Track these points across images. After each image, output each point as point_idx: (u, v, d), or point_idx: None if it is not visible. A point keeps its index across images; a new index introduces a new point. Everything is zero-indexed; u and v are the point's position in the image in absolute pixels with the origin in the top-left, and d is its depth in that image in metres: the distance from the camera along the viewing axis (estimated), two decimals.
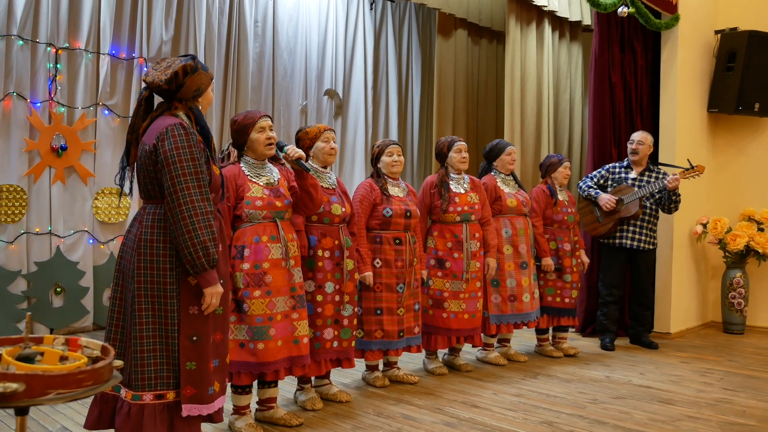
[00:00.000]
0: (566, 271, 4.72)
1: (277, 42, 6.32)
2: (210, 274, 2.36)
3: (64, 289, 5.03)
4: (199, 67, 2.45)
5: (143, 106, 2.50)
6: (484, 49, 7.14)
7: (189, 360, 2.39)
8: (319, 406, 3.46)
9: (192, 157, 2.34)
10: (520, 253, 4.43)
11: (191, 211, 2.30)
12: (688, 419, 3.41)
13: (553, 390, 3.90)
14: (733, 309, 5.81)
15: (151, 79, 2.44)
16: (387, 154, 3.91)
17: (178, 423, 2.40)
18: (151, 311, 2.36)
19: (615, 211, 4.97)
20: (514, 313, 4.40)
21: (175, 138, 2.34)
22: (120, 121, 5.33)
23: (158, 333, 2.37)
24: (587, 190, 5.11)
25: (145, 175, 2.42)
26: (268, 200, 3.07)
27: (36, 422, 3.18)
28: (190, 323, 2.39)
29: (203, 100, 2.56)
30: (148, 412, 2.34)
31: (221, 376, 2.54)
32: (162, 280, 2.37)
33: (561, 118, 6.43)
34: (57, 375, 1.13)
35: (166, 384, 2.37)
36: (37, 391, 1.12)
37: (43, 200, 4.97)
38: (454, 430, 3.17)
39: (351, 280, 3.52)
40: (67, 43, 5.06)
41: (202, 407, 2.42)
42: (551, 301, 4.73)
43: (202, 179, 2.36)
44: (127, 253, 2.45)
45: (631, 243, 5.01)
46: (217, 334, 2.51)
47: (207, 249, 2.32)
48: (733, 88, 5.80)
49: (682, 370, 4.47)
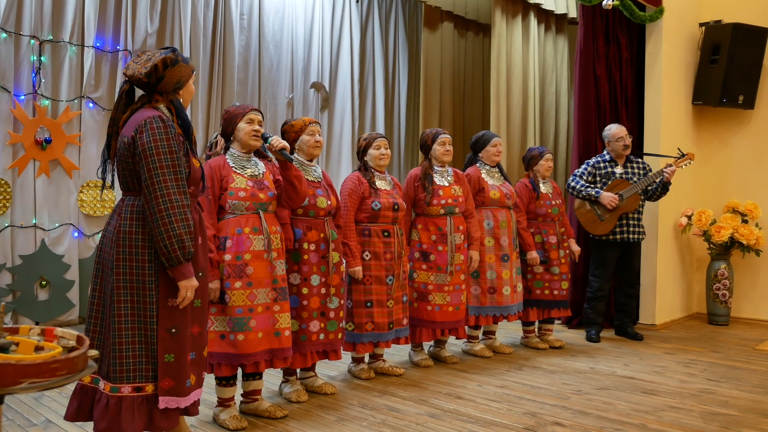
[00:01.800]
0: (553, 264, 4.74)
1: (263, 35, 6.30)
2: (185, 267, 2.36)
3: (49, 282, 5.01)
4: (179, 60, 2.44)
5: (124, 99, 2.49)
6: (470, 41, 7.14)
7: (167, 352, 2.38)
8: (304, 398, 3.46)
9: (170, 149, 2.34)
10: (501, 245, 4.44)
11: (167, 204, 2.30)
12: (670, 409, 3.45)
13: (538, 381, 3.93)
14: (717, 300, 5.86)
15: (131, 72, 2.43)
16: (374, 147, 3.92)
17: (156, 415, 2.40)
18: (130, 303, 2.36)
19: (616, 208, 4.98)
20: (493, 305, 4.41)
21: (153, 130, 2.33)
22: (105, 113, 5.30)
23: (137, 325, 2.36)
24: (584, 189, 5.04)
25: (124, 167, 2.42)
26: (252, 192, 3.07)
27: (20, 415, 3.17)
28: (169, 315, 2.39)
29: (184, 92, 2.56)
30: (126, 405, 2.34)
31: (198, 369, 2.54)
32: (141, 272, 2.37)
33: (547, 110, 6.45)
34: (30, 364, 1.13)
35: (145, 376, 2.37)
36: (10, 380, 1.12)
37: (27, 193, 4.94)
38: (439, 422, 3.19)
39: (337, 273, 3.52)
40: (51, 36, 5.02)
41: (179, 400, 2.42)
42: (540, 294, 4.75)
43: (179, 172, 2.36)
44: (106, 245, 2.45)
45: (630, 236, 5.04)
46: (195, 326, 2.51)
47: (183, 242, 2.32)
48: (718, 81, 5.83)
49: (665, 361, 4.51)
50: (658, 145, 5.54)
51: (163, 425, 2.41)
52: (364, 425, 3.12)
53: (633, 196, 4.95)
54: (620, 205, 4.96)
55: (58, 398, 3.42)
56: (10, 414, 3.17)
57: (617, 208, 4.97)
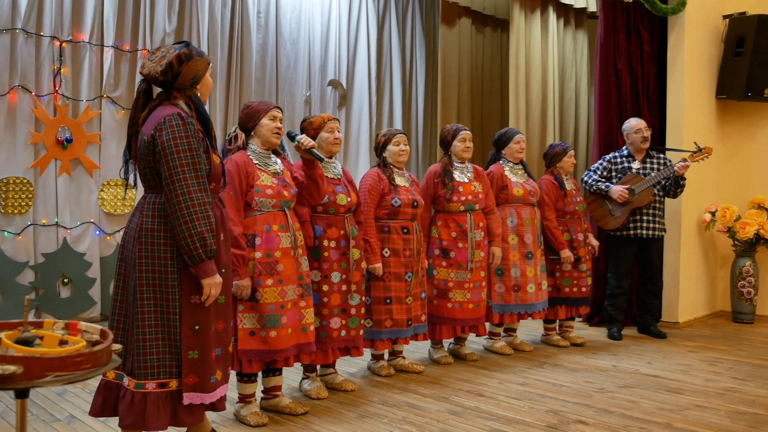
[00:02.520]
0: (582, 261, 4.71)
1: (280, 33, 6.30)
2: (208, 265, 2.36)
3: (71, 279, 5.05)
4: (194, 54, 2.41)
5: (142, 98, 2.47)
6: (488, 37, 7.09)
7: (191, 349, 2.39)
8: (325, 394, 3.46)
9: (189, 147, 2.33)
10: (525, 243, 4.41)
11: (188, 202, 2.29)
12: (696, 408, 3.39)
13: (560, 379, 3.89)
14: (742, 298, 5.76)
15: (147, 71, 2.41)
16: (394, 143, 3.89)
17: (180, 411, 2.40)
18: (153, 300, 2.36)
19: (627, 202, 4.92)
20: (517, 303, 4.38)
21: (172, 128, 2.32)
22: (124, 113, 5.33)
23: (160, 322, 2.37)
24: (595, 184, 5.03)
25: (145, 165, 2.41)
26: (277, 189, 3.07)
27: (44, 410, 3.19)
28: (192, 312, 2.39)
29: (202, 86, 2.53)
30: (151, 401, 2.35)
31: (223, 365, 2.54)
32: (163, 270, 2.36)
33: (566, 106, 6.39)
34: (55, 357, 1.13)
35: (169, 372, 2.38)
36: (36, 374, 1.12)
37: (49, 192, 4.99)
38: (460, 419, 3.16)
39: (358, 270, 3.52)
40: (70, 36, 5.06)
41: (204, 396, 2.42)
42: (569, 291, 4.70)
43: (199, 169, 2.35)
44: (128, 242, 2.45)
45: (646, 232, 4.97)
46: (219, 323, 2.51)
47: (204, 240, 2.31)
48: (742, 74, 5.73)
49: (690, 359, 4.45)
50: (681, 140, 5.46)
51: (188, 421, 2.42)
52: (385, 422, 3.11)
53: (645, 190, 4.88)
54: (631, 199, 4.89)
55: (81, 394, 3.44)
56: (35, 409, 3.19)
57: (629, 202, 4.91)
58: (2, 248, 4.76)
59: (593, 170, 5.14)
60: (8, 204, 4.79)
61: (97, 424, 3.02)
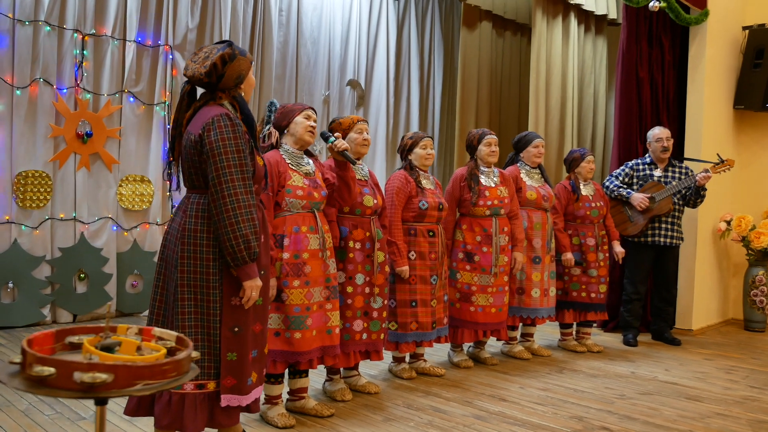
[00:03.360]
0: (591, 266, 4.70)
1: (301, 31, 6.30)
2: (250, 267, 2.35)
3: (88, 275, 5.05)
4: (237, 54, 2.39)
5: (186, 99, 2.46)
6: (508, 41, 7.09)
7: (230, 351, 2.38)
8: (349, 397, 3.46)
9: (237, 149, 2.32)
10: (534, 247, 4.40)
11: (235, 204, 2.28)
12: (717, 416, 3.41)
13: (580, 385, 3.90)
14: (755, 307, 5.78)
15: (191, 73, 2.40)
16: (421, 146, 3.90)
17: (218, 413, 2.40)
18: (194, 301, 2.36)
19: (647, 210, 4.94)
20: (520, 306, 4.38)
21: (221, 129, 2.31)
22: (145, 108, 5.33)
23: (200, 323, 2.36)
24: (616, 190, 5.05)
25: (190, 164, 2.40)
26: (308, 191, 3.07)
27: (68, 408, 3.19)
28: (232, 314, 2.39)
29: (245, 85, 2.51)
30: (188, 402, 2.34)
31: (259, 367, 2.54)
32: (205, 271, 2.36)
33: (585, 112, 6.39)
34: (144, 366, 1.13)
35: (207, 374, 2.37)
36: (124, 382, 1.12)
37: (67, 186, 4.98)
38: (486, 424, 3.17)
39: (381, 272, 3.51)
40: (93, 30, 5.05)
41: (241, 398, 2.42)
42: (576, 296, 4.71)
43: (246, 171, 2.34)
44: (170, 242, 2.44)
45: (664, 240, 4.99)
46: (257, 324, 2.51)
47: (249, 242, 2.30)
48: (760, 85, 5.75)
49: (706, 367, 4.46)
50: (699, 149, 5.48)
51: (225, 423, 2.41)
52: (411, 426, 3.11)
53: (666, 199, 4.90)
54: (652, 207, 4.91)
55: None
56: (59, 407, 3.19)
57: (649, 209, 4.92)
58: (19, 242, 4.76)
59: (615, 176, 5.16)
60: (26, 197, 4.78)
61: (124, 423, 3.02)
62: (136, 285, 5.34)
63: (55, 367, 1.12)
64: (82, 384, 1.10)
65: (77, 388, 1.10)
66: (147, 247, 5.39)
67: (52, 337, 1.29)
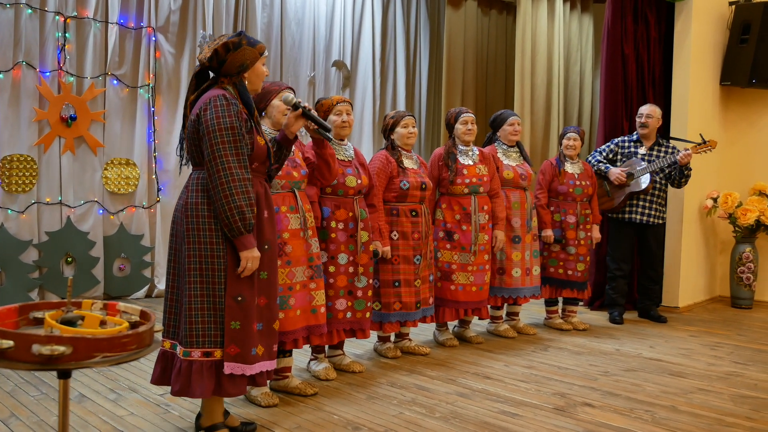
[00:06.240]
0: (570, 244, 4.69)
1: (285, 12, 6.25)
2: (246, 238, 2.46)
3: (75, 258, 5.05)
4: (243, 44, 2.51)
5: (194, 81, 2.60)
6: (493, 20, 7.06)
7: (233, 319, 2.49)
8: (333, 376, 3.48)
9: (231, 125, 2.44)
10: (513, 226, 4.39)
11: (228, 177, 2.39)
12: (699, 392, 3.44)
13: (564, 362, 3.93)
14: (741, 284, 5.82)
15: (201, 57, 2.56)
16: (402, 125, 3.88)
17: (224, 381, 2.51)
18: (199, 271, 2.47)
19: (625, 186, 4.95)
20: (501, 287, 4.39)
21: (216, 108, 2.43)
22: (128, 91, 5.30)
23: (206, 292, 2.48)
24: (596, 164, 5.08)
25: (191, 143, 2.54)
26: (287, 170, 3.06)
27: (54, 389, 3.20)
28: (236, 284, 2.50)
29: (251, 74, 2.62)
30: (196, 368, 2.46)
31: (267, 341, 2.63)
32: (209, 241, 2.48)
33: (571, 90, 6.38)
34: (103, 338, 1.13)
35: (213, 342, 2.49)
36: (83, 354, 1.12)
37: (53, 170, 4.97)
38: (469, 401, 3.20)
39: (365, 252, 3.52)
40: (75, 12, 5.01)
41: (245, 367, 2.52)
42: (553, 272, 4.73)
43: (240, 147, 2.45)
44: (178, 217, 2.59)
45: (641, 218, 5.00)
46: (261, 298, 2.61)
47: (243, 213, 2.42)
48: (747, 61, 5.74)
49: (691, 343, 4.50)
50: (685, 126, 5.48)
51: (231, 391, 2.52)
52: (395, 403, 3.13)
53: (645, 177, 4.92)
54: (629, 183, 4.92)
55: (89, 373, 3.45)
56: (44, 388, 3.20)
57: (626, 185, 4.94)
58: (6, 226, 4.75)
59: (599, 151, 5.19)
60: (12, 182, 4.77)
61: (108, 403, 3.04)
62: (124, 268, 5.34)
63: (14, 340, 1.12)
64: (40, 356, 1.10)
65: (36, 360, 1.11)
66: (134, 230, 5.38)
67: (15, 311, 1.29)
